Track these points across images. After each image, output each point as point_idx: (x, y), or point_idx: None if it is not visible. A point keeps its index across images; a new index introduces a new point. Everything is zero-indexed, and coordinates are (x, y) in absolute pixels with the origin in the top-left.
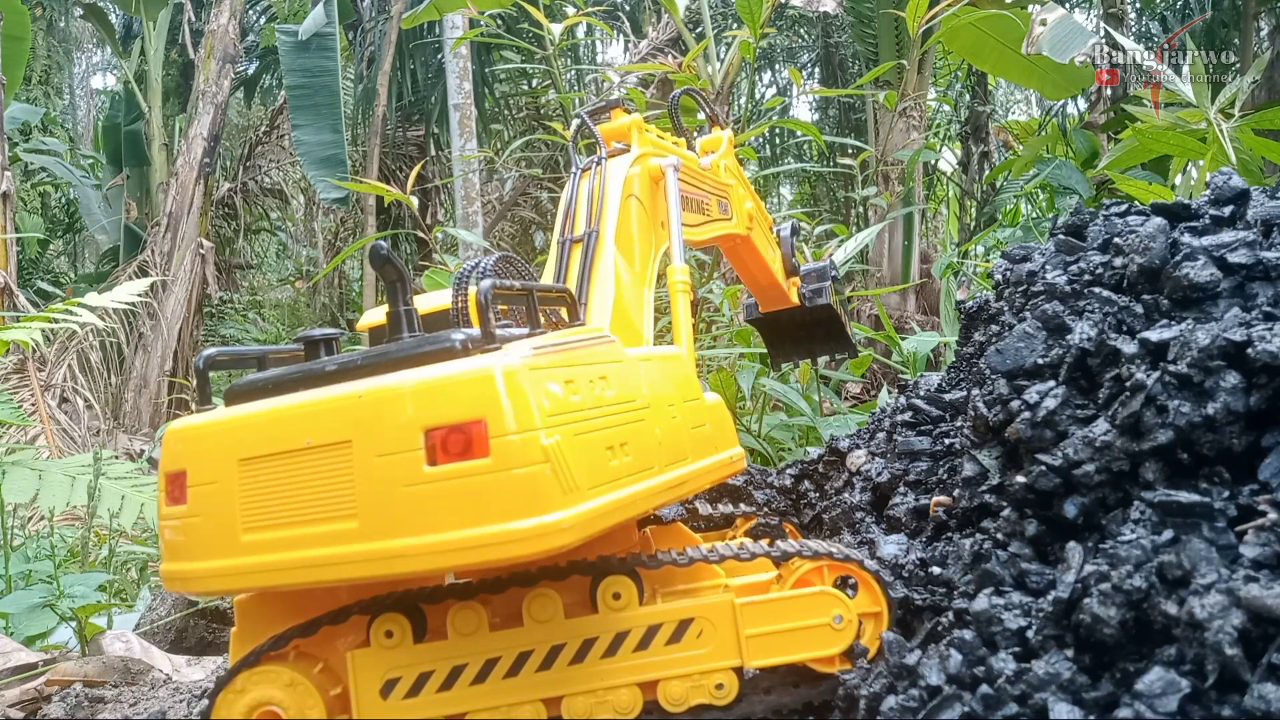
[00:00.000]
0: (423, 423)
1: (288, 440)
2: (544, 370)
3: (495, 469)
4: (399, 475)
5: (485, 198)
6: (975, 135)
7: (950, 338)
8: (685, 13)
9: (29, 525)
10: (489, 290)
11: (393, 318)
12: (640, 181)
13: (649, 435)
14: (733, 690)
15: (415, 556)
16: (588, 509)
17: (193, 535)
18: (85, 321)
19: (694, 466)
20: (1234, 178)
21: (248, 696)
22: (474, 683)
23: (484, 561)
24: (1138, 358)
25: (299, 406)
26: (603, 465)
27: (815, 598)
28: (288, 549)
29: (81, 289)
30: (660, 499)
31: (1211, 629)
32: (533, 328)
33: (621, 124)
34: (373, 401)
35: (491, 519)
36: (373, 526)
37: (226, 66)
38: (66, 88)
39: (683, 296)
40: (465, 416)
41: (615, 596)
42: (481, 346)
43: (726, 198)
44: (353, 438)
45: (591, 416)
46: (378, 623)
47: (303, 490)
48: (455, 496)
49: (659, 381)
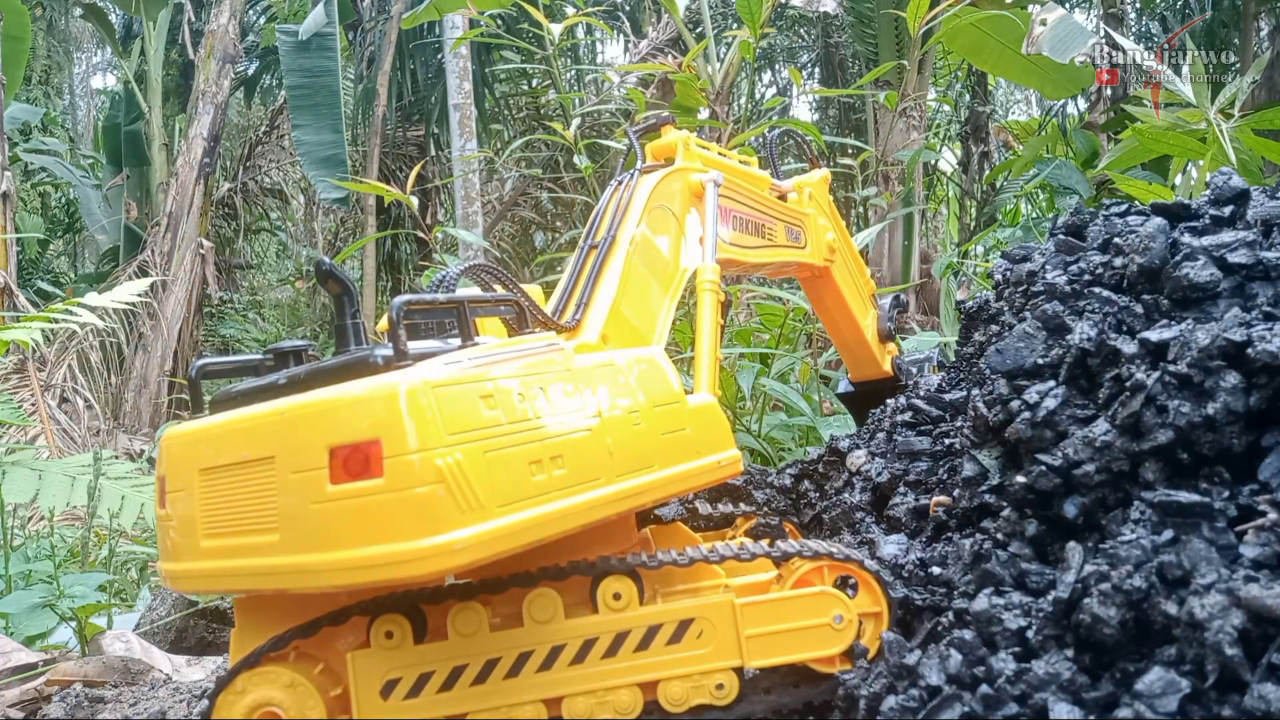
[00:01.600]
0: (328, 441)
1: (232, 453)
2: (453, 386)
3: (388, 489)
4: (309, 492)
5: (485, 198)
6: (975, 135)
7: (950, 338)
8: (685, 13)
9: (29, 525)
10: (400, 306)
11: (339, 330)
12: (681, 196)
13: (595, 445)
14: (733, 690)
15: (322, 572)
16: (492, 528)
17: (172, 537)
18: (85, 321)
19: (661, 474)
20: (1234, 178)
21: (248, 697)
22: (474, 683)
23: (381, 581)
24: (1138, 358)
25: (241, 421)
26: (522, 481)
27: (815, 598)
28: (233, 556)
29: (81, 289)
30: (608, 510)
31: (1211, 629)
32: (464, 341)
33: (670, 140)
34: (290, 419)
35: (385, 539)
36: (290, 541)
37: (226, 66)
38: (66, 88)
39: (710, 295)
40: (363, 436)
41: (615, 597)
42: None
43: (800, 226)
44: (275, 454)
45: (512, 431)
46: (378, 623)
47: (244, 501)
48: (353, 515)
49: (620, 388)
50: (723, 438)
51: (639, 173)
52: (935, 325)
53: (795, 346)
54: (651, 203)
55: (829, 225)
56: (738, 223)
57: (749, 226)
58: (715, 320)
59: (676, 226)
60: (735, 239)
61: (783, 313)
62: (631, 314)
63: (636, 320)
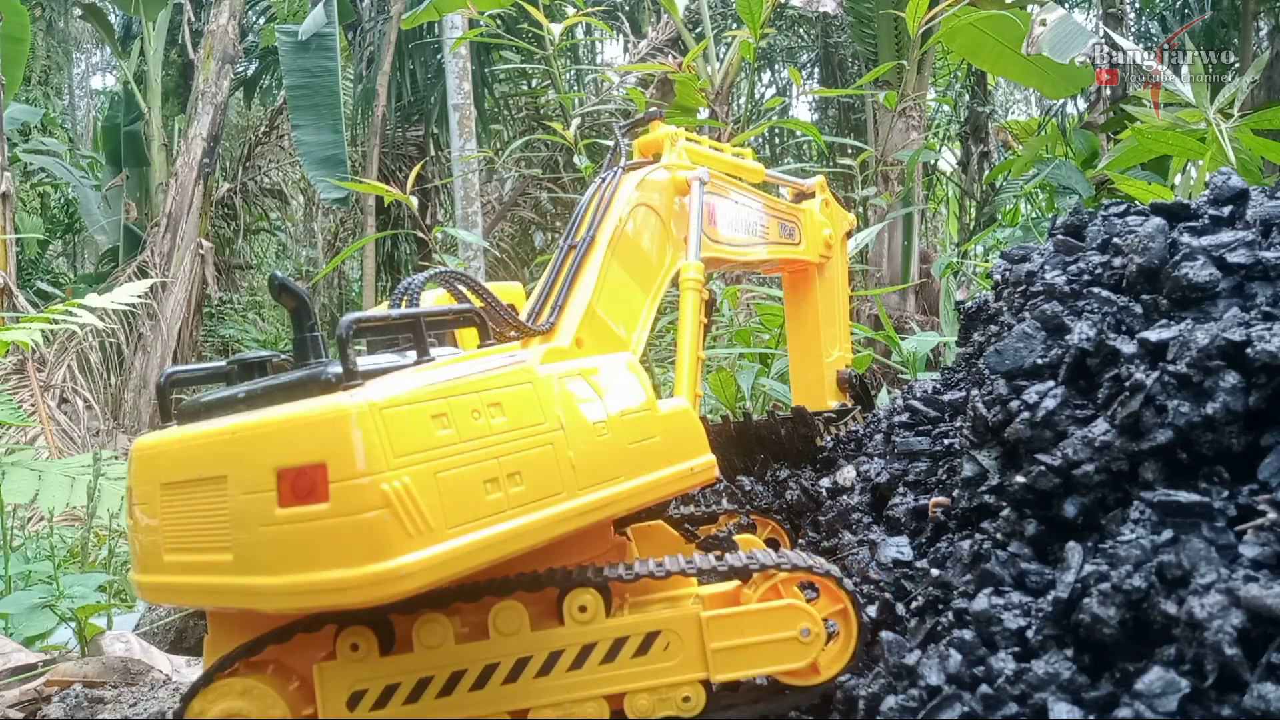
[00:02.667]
0: (275, 463)
1: (189, 470)
2: (402, 407)
3: (333, 514)
4: (258, 514)
5: (485, 198)
6: (975, 135)
7: (950, 338)
8: (685, 13)
9: (29, 525)
10: (349, 326)
11: (298, 344)
12: (665, 193)
13: (557, 459)
14: (700, 703)
15: (271, 595)
16: (443, 550)
17: (139, 548)
18: (85, 322)
19: (628, 485)
20: (1233, 178)
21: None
22: (440, 695)
23: (328, 606)
24: (1137, 358)
25: (195, 437)
26: (475, 501)
27: (782, 611)
28: (191, 573)
29: (81, 289)
30: (569, 525)
31: (1211, 629)
32: (420, 357)
33: (656, 136)
34: (241, 438)
35: (331, 564)
36: (241, 561)
37: (226, 67)
38: (66, 88)
39: (693, 294)
40: (309, 460)
41: (581, 609)
42: (343, 384)
43: (795, 222)
44: (227, 473)
45: (465, 450)
46: (343, 635)
47: (200, 518)
48: (300, 539)
49: (585, 398)
50: (696, 443)
51: (623, 170)
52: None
53: None
54: (633, 201)
55: (826, 223)
56: (727, 219)
57: (740, 223)
58: (698, 320)
59: (660, 224)
60: (724, 236)
61: (783, 313)
62: (608, 315)
63: (614, 322)
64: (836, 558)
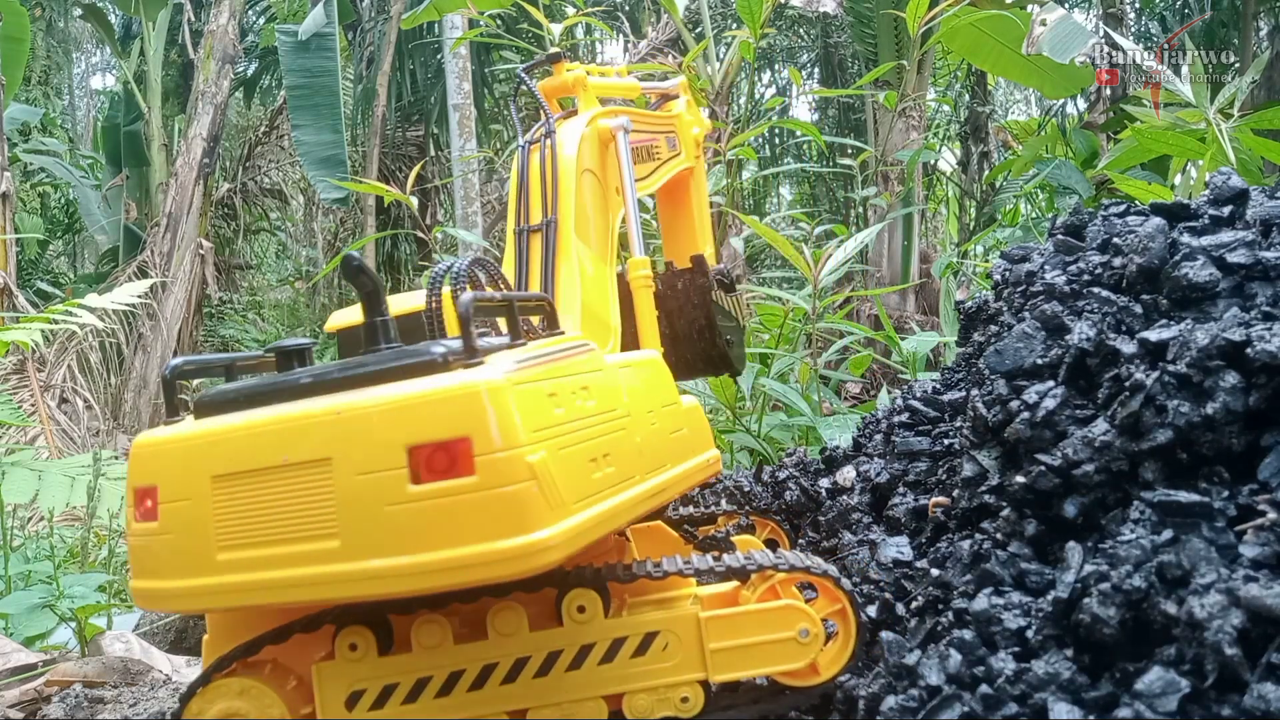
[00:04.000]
0: (405, 440)
1: (264, 457)
2: (527, 384)
3: (481, 487)
4: (381, 494)
5: (485, 198)
6: (975, 135)
7: (950, 338)
8: (685, 13)
9: (29, 525)
10: (469, 305)
11: (368, 328)
12: (590, 148)
13: (630, 444)
14: (698, 703)
15: (399, 577)
16: (573, 524)
17: (165, 553)
18: (85, 322)
19: (673, 472)
20: (1233, 178)
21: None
22: (439, 695)
23: (470, 582)
24: (1137, 358)
25: (274, 421)
26: (586, 478)
27: (780, 611)
28: (266, 568)
29: (81, 289)
30: (642, 508)
31: (1211, 629)
32: (514, 339)
33: (565, 79)
34: (353, 418)
35: (477, 539)
36: (354, 546)
37: (226, 67)
38: (66, 88)
39: (646, 292)
40: (450, 434)
41: (579, 609)
42: (463, 361)
43: (674, 131)
44: (332, 455)
45: (574, 429)
46: (342, 635)
47: (281, 508)
48: (440, 516)
49: (638, 388)
50: (707, 438)
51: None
52: (935, 325)
53: (795, 346)
54: (577, 171)
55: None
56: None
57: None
58: (654, 319)
59: (599, 185)
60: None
61: (782, 313)
62: (595, 304)
63: (598, 308)
64: (836, 558)
